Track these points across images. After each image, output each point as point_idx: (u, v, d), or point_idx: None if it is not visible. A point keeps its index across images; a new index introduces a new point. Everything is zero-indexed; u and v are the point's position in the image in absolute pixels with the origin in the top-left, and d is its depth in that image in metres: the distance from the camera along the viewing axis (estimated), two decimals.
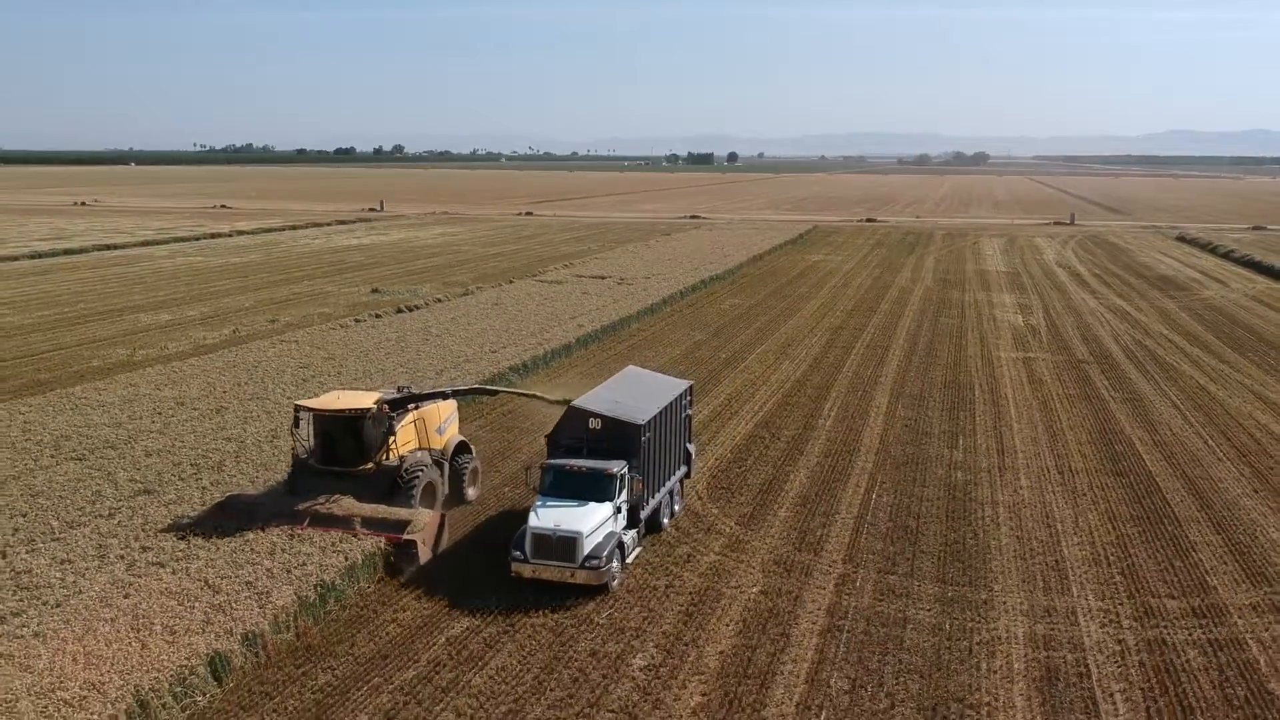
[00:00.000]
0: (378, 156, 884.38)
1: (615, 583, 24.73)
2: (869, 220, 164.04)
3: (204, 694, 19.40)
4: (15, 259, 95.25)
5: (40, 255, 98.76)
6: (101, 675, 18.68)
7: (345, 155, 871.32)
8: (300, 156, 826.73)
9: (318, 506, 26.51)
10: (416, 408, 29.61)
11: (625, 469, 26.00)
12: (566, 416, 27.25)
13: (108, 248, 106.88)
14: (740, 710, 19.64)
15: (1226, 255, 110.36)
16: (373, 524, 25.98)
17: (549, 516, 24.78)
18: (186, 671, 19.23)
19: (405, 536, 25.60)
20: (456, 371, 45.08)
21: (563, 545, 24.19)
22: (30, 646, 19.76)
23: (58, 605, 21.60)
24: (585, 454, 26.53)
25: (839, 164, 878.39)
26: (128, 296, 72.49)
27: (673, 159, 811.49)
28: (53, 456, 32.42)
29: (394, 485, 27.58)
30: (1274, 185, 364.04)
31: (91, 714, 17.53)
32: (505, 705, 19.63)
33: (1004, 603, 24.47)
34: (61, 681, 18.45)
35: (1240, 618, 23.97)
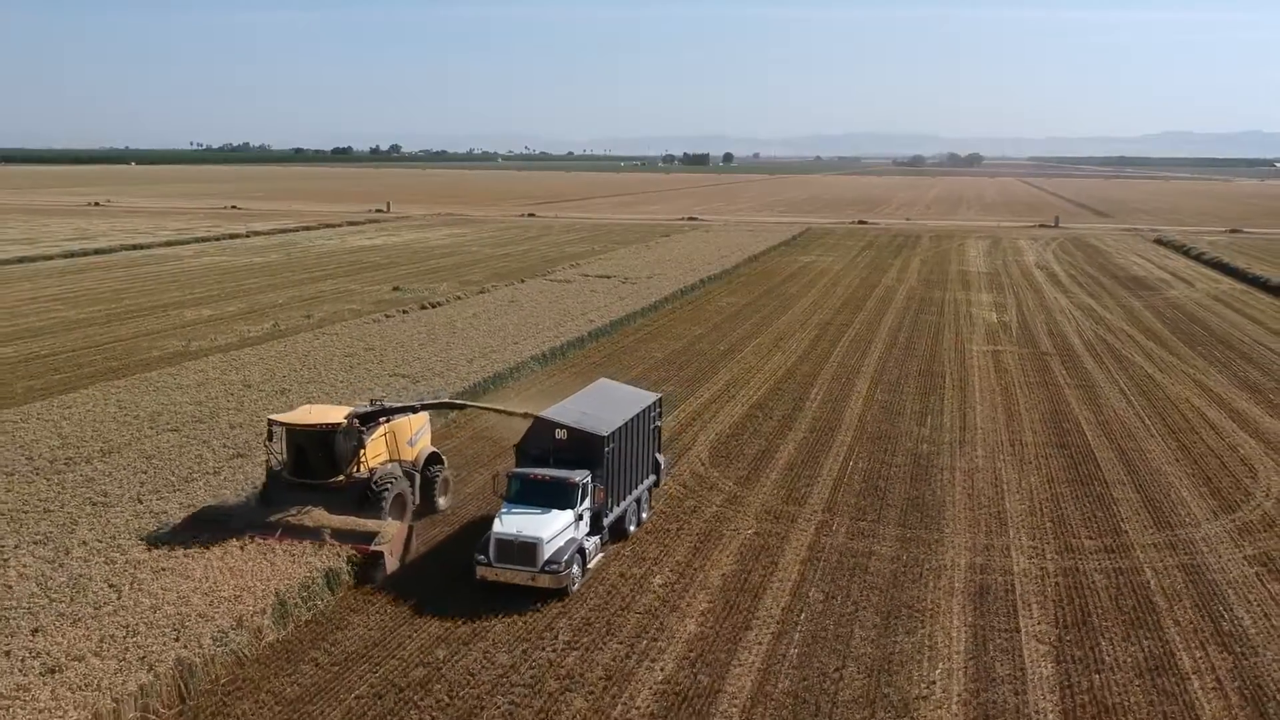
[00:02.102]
0: (374, 156, 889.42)
1: (575, 586, 25.95)
2: (860, 223, 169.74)
3: (322, 599, 24.99)
4: (50, 258, 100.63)
5: (72, 255, 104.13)
6: (247, 582, 24.25)
7: (343, 155, 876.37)
8: (298, 156, 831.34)
9: (289, 518, 27.32)
10: (387, 421, 30.25)
11: (588, 478, 27.10)
12: (534, 427, 28.47)
13: (134, 248, 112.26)
14: (738, 613, 25.28)
15: (1198, 257, 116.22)
16: (342, 535, 26.82)
17: (512, 523, 25.94)
18: (309, 581, 24.82)
19: (373, 547, 26.54)
20: (485, 361, 50.67)
21: (524, 550, 25.37)
22: (185, 564, 25.27)
23: (196, 536, 27.11)
24: (551, 463, 27.55)
25: (834, 165, 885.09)
26: (166, 293, 77.90)
27: (668, 159, 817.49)
28: (151, 428, 38.00)
29: (365, 497, 28.38)
30: (1260, 188, 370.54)
31: (247, 607, 23.10)
32: (555, 609, 25.23)
33: (952, 541, 30.15)
34: (217, 586, 24.02)
35: (1142, 553, 29.65)
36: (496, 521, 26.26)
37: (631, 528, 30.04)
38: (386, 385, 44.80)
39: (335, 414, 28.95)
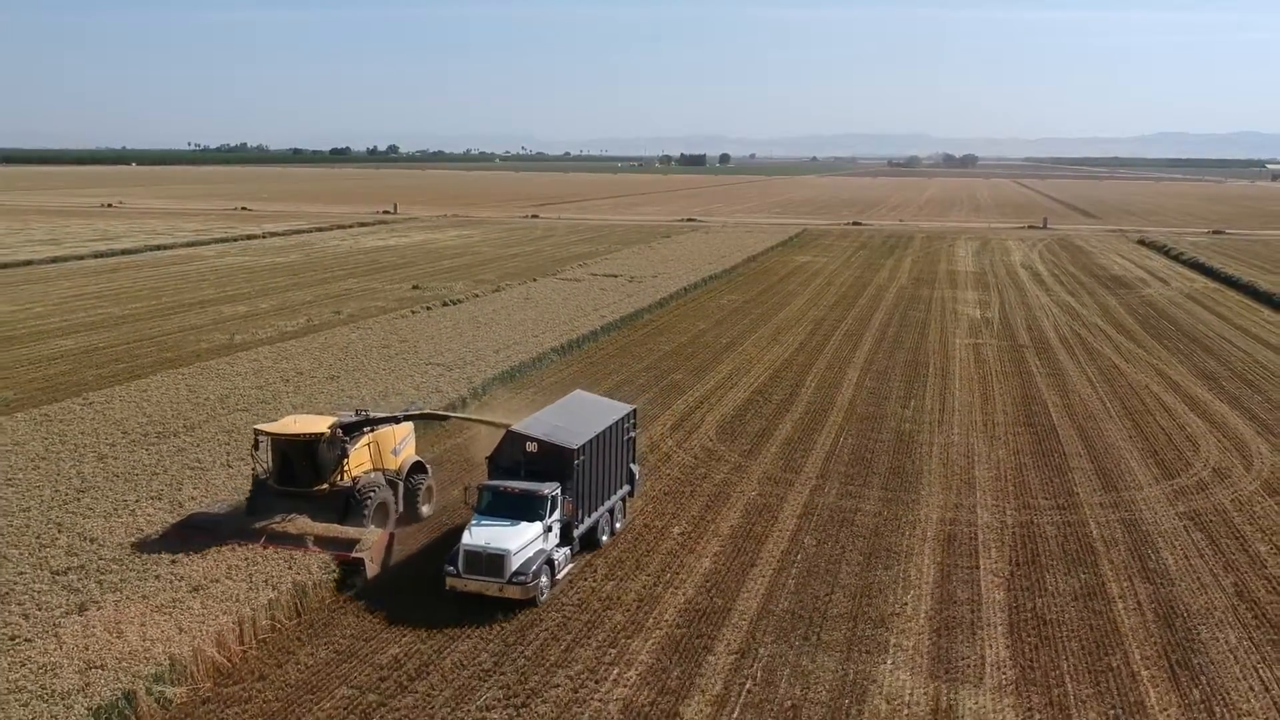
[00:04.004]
0: (372, 156, 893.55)
1: (544, 597, 26.49)
2: (855, 224, 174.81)
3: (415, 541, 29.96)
4: (81, 258, 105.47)
5: (101, 255, 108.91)
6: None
7: (340, 155, 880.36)
8: (296, 156, 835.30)
9: (274, 525, 28.14)
10: (371, 430, 31.14)
11: (557, 490, 27.66)
12: (505, 440, 28.93)
13: (158, 248, 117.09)
14: (745, 554, 30.29)
15: (1177, 257, 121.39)
16: (324, 542, 27.68)
17: (481, 534, 26.42)
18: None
19: (354, 554, 27.43)
20: (510, 352, 55.60)
21: (492, 562, 25.92)
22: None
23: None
24: (523, 475, 28.10)
25: (830, 165, 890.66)
26: (200, 291, 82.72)
27: (665, 160, 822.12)
28: (223, 408, 42.94)
29: (348, 505, 29.14)
30: (1250, 189, 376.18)
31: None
32: (590, 552, 30.19)
33: (926, 501, 35.17)
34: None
35: (1089, 510, 34.68)
36: (466, 533, 26.79)
37: (604, 538, 30.47)
38: (424, 373, 49.71)
39: (319, 424, 29.75)
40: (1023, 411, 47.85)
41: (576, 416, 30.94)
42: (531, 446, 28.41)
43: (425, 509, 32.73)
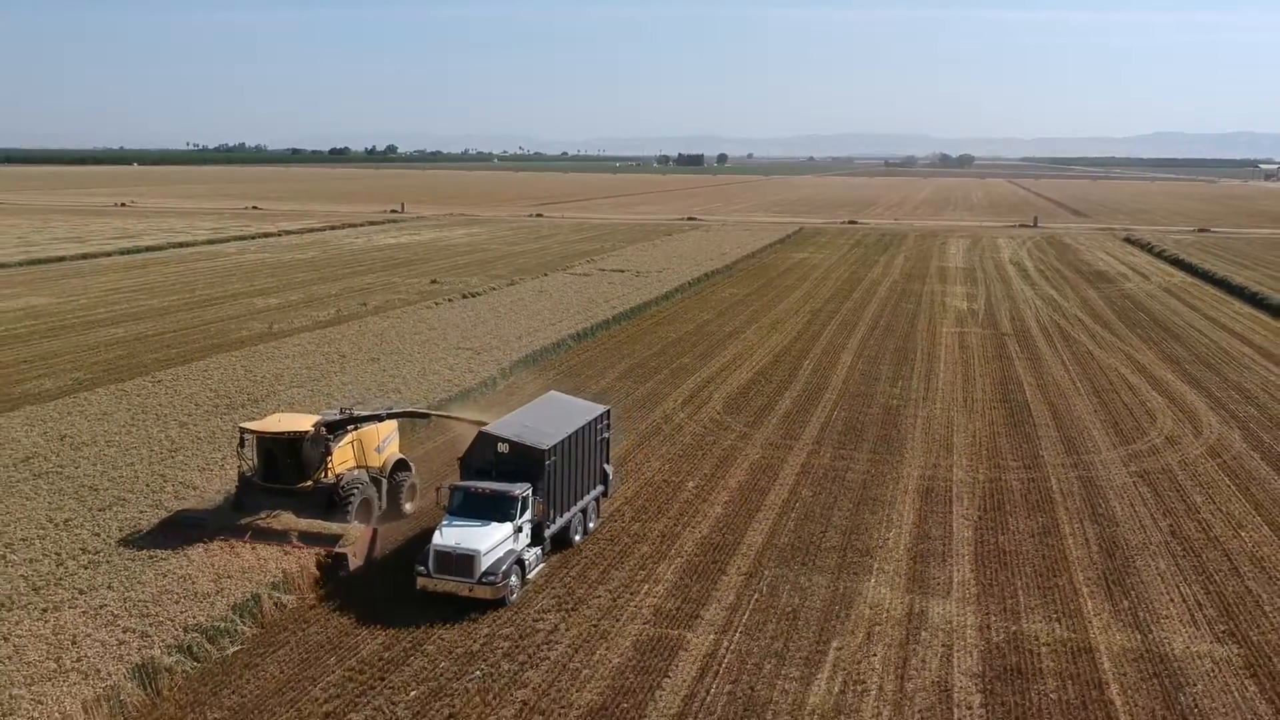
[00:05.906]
0: (370, 156, 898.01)
1: (514, 597, 26.76)
2: (851, 223, 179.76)
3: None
4: (108, 255, 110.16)
5: (127, 252, 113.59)
6: None
7: (339, 155, 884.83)
8: (295, 156, 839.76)
9: (259, 521, 28.85)
10: (355, 429, 31.86)
11: (528, 491, 27.89)
12: (477, 440, 29.18)
13: (180, 245, 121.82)
14: (751, 503, 35.14)
15: (1159, 254, 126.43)
16: (309, 538, 28.39)
17: (451, 535, 26.69)
18: None
19: (338, 549, 28.26)
20: (531, 338, 60.42)
21: (461, 562, 26.17)
22: None
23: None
24: (494, 476, 28.33)
25: (827, 165, 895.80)
26: (229, 285, 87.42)
27: (663, 160, 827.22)
28: (280, 385, 47.71)
29: (332, 501, 29.79)
30: (1242, 189, 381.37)
31: None
32: (620, 500, 35.00)
33: (909, 462, 40.04)
34: None
35: (1051, 469, 39.55)
36: (437, 533, 27.06)
37: (577, 538, 30.89)
38: (456, 357, 54.49)
39: (304, 422, 30.67)
40: (1000, 390, 52.70)
41: (549, 417, 31.41)
42: (503, 447, 28.79)
43: (408, 506, 33.47)
